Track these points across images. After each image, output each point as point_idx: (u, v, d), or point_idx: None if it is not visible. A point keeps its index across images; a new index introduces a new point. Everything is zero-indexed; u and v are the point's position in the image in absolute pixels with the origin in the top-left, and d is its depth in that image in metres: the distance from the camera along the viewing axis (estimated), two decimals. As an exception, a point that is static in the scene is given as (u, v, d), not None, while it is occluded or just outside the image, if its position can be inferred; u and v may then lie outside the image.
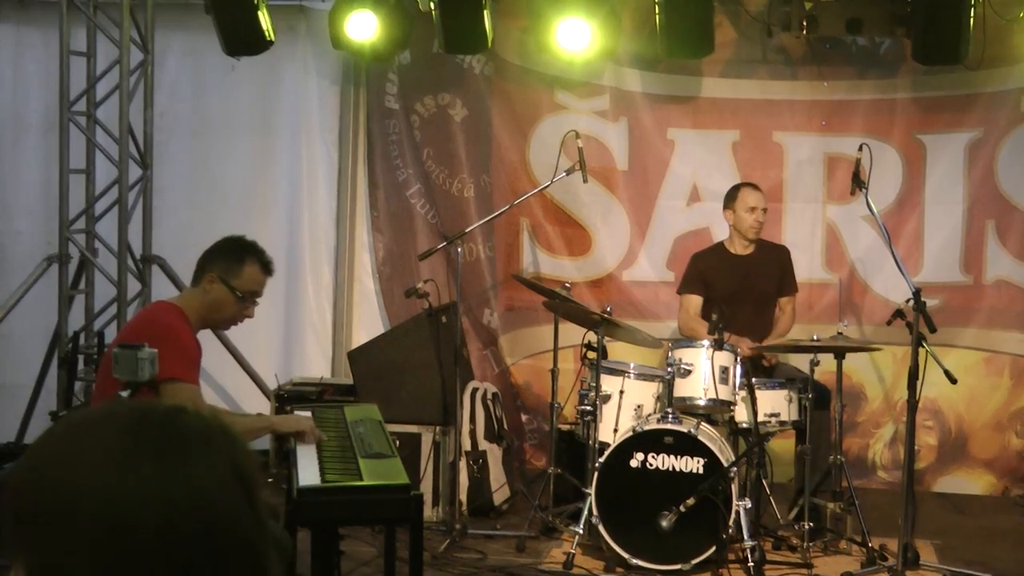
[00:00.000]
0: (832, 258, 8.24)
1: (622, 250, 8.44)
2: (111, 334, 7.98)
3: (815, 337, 6.50)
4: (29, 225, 8.63)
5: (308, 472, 4.18)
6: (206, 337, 4.96)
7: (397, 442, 6.62)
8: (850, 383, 7.99)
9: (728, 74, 8.25)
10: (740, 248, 7.33)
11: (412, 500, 3.96)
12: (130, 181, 8.03)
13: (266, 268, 4.84)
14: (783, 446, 7.58)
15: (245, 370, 8.35)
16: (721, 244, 7.42)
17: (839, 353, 6.55)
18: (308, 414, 5.06)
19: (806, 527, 6.36)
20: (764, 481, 6.61)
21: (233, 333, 7.97)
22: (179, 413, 1.41)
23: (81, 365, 8.09)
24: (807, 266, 8.00)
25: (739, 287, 7.22)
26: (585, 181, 7.31)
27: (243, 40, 7.80)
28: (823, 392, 6.90)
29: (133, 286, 8.12)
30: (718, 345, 6.41)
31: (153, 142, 8.22)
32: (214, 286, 4.71)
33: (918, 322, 6.21)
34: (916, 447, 7.58)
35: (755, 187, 7.33)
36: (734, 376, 6.52)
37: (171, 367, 4.37)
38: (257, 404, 8.25)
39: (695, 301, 7.37)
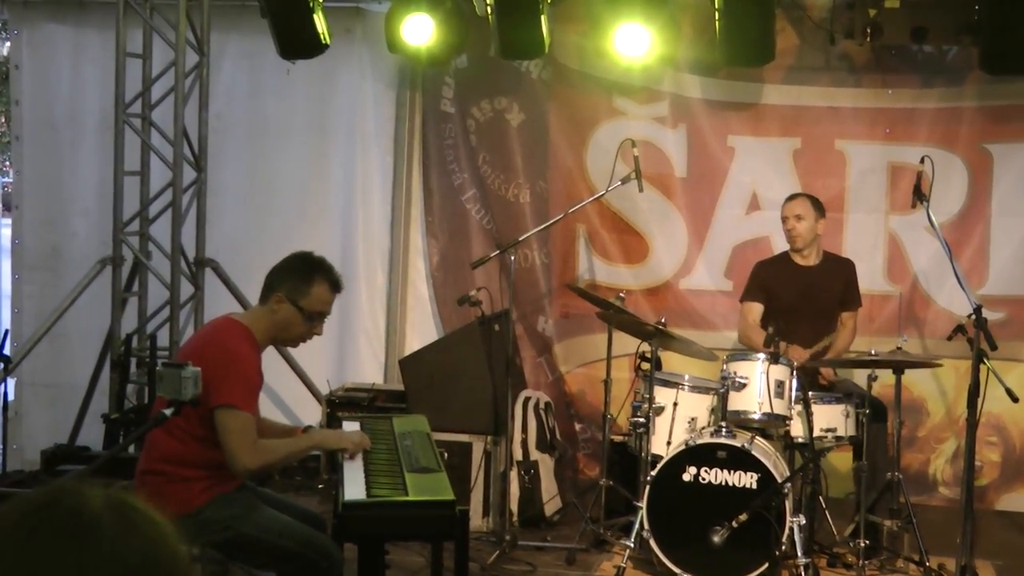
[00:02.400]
0: (894, 270, 8.22)
1: (679, 258, 8.47)
2: (163, 337, 8.11)
3: (873, 352, 6.50)
4: (85, 227, 8.77)
5: (354, 486, 4.25)
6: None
7: (445, 454, 6.71)
8: (911, 397, 7.97)
9: (790, 81, 8.24)
10: (804, 259, 7.34)
11: (457, 516, 4.03)
12: (184, 184, 8.15)
13: (335, 287, 4.85)
14: (841, 459, 7.57)
15: (298, 375, 8.45)
16: (786, 254, 7.42)
17: (898, 368, 6.54)
18: (356, 426, 5.14)
19: (862, 545, 6.36)
20: (819, 497, 6.62)
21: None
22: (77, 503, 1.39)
23: (133, 368, 8.22)
24: (868, 277, 7.97)
25: (801, 299, 7.22)
26: (641, 190, 7.36)
27: (298, 43, 7.88)
28: (880, 407, 6.89)
29: (186, 289, 8.23)
30: (774, 359, 6.43)
31: (207, 145, 8.33)
32: (282, 306, 4.74)
33: (979, 339, 6.19)
34: (978, 464, 7.58)
35: (794, 196, 7.33)
36: (790, 390, 6.53)
37: (231, 393, 4.44)
38: (309, 409, 8.35)
39: (755, 309, 7.38)
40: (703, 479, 6.27)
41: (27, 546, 1.35)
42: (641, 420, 6.69)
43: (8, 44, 9.64)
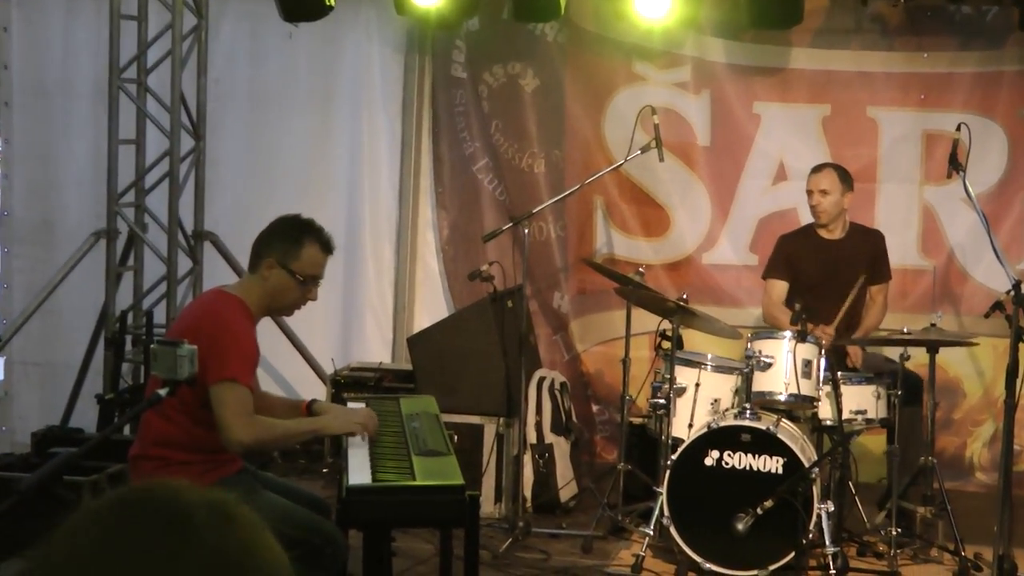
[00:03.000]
0: (929, 243, 8.20)
1: (702, 231, 8.46)
2: (160, 314, 8.13)
3: (906, 330, 6.48)
4: (77, 198, 8.79)
5: (359, 470, 4.26)
6: (265, 321, 5.02)
7: (455, 437, 6.73)
8: (946, 377, 7.96)
9: (819, 44, 8.21)
10: (830, 232, 7.31)
11: (467, 502, 4.03)
12: (182, 153, 8.15)
13: (326, 247, 4.86)
14: (874, 441, 7.57)
15: (301, 354, 8.47)
16: (811, 226, 7.39)
17: (932, 347, 6.53)
18: (362, 406, 5.14)
19: (894, 533, 6.35)
20: (849, 482, 6.62)
21: (292, 318, 8.08)
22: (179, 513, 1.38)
23: (129, 346, 8.23)
24: (901, 251, 7.96)
25: (827, 274, 7.20)
26: (661, 160, 7.34)
27: (302, 5, 7.87)
28: (914, 387, 6.88)
29: (184, 263, 8.25)
30: (801, 337, 6.42)
31: (206, 112, 8.33)
32: (273, 272, 4.75)
33: (1017, 316, 6.16)
34: (1016, 448, 7.57)
35: (819, 168, 7.28)
36: (818, 370, 6.52)
37: (228, 367, 4.44)
38: (313, 389, 8.34)
39: (779, 287, 7.36)
40: (726, 463, 6.27)
41: (119, 533, 1.35)
42: (661, 401, 6.69)
43: (-3, 6, 9.68)
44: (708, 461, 6.29)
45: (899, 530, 6.38)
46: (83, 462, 5.80)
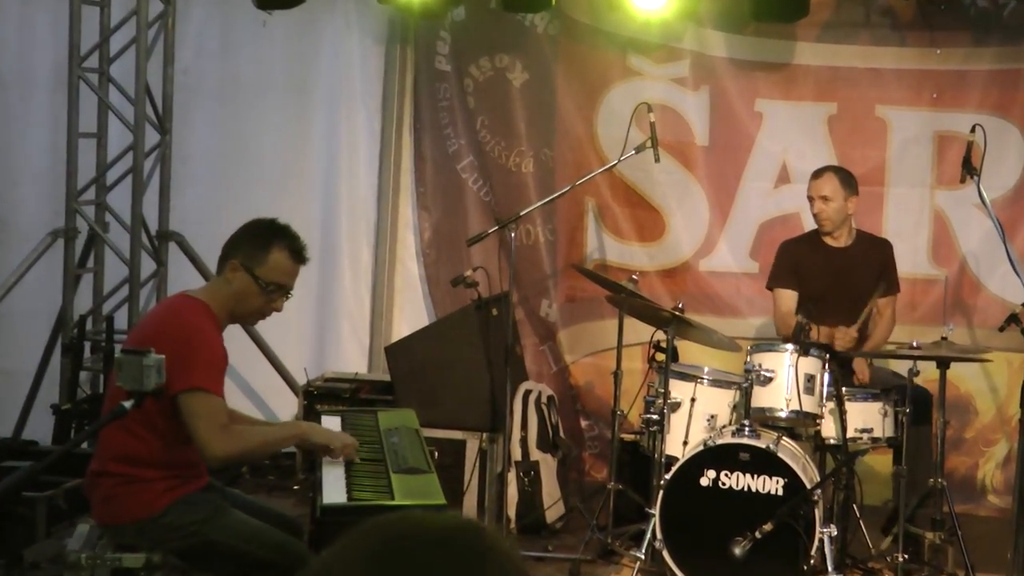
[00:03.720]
0: (940, 251, 8.21)
1: (700, 236, 8.47)
2: (121, 319, 8.12)
3: (915, 343, 6.50)
4: (34, 194, 8.75)
5: (334, 488, 4.27)
6: (232, 328, 5.02)
7: (436, 453, 6.74)
8: (957, 394, 7.98)
9: (825, 39, 8.23)
10: (835, 240, 7.33)
11: (448, 523, 4.03)
12: (146, 148, 8.16)
13: (297, 256, 4.83)
14: (880, 462, 7.59)
15: (271, 362, 8.47)
16: (815, 233, 7.39)
17: (943, 361, 6.55)
18: (337, 421, 5.15)
19: (900, 559, 6.37)
20: (853, 505, 6.63)
21: (262, 324, 8.04)
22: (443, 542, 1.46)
23: (87, 353, 8.24)
24: (910, 260, 7.98)
25: (832, 284, 7.20)
26: (657, 160, 7.35)
27: (276, -10, 7.90)
28: (924, 404, 6.89)
29: (147, 265, 8.24)
30: (803, 350, 6.43)
31: (173, 104, 8.34)
32: (237, 275, 4.74)
33: (1032, 330, 6.19)
34: (1031, 469, 7.57)
35: (820, 172, 7.27)
36: (821, 385, 6.53)
37: (195, 375, 4.44)
38: (284, 401, 8.37)
39: (788, 296, 7.33)
40: (723, 484, 6.28)
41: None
42: (655, 417, 6.69)
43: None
44: (704, 481, 6.30)
45: (906, 556, 6.40)
46: (38, 477, 5.80)
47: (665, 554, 6.26)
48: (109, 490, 4.59)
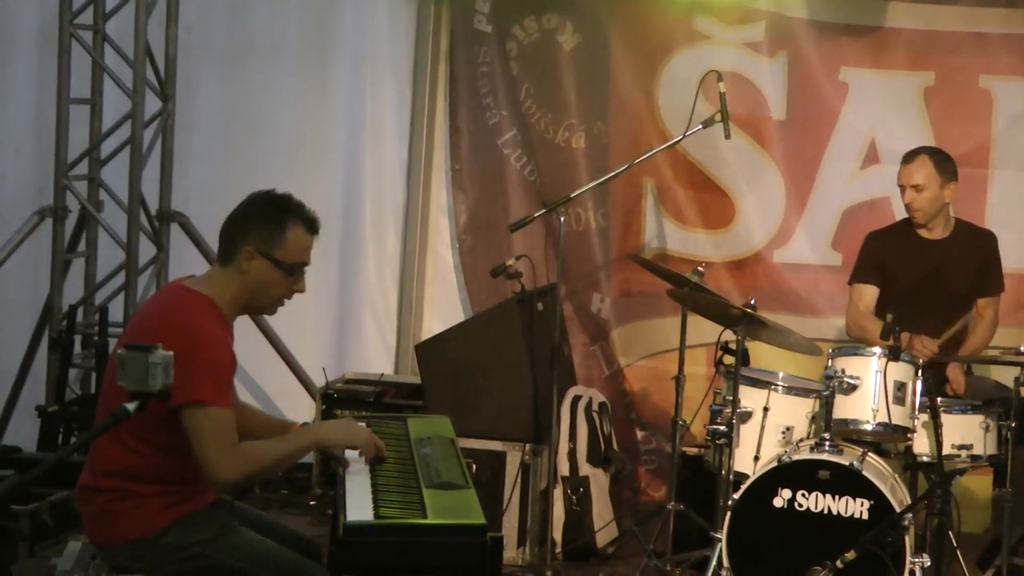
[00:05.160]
0: (1053, 242, 8.17)
1: (774, 223, 8.45)
2: (117, 310, 8.13)
3: (1021, 349, 6.46)
4: (17, 168, 8.76)
5: (358, 504, 4.25)
6: (239, 321, 5.00)
7: (473, 466, 6.74)
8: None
9: (922, -2, 8.22)
10: (930, 231, 7.29)
11: (489, 545, 4.02)
12: (146, 116, 8.15)
13: (312, 227, 4.81)
14: (980, 483, 7.56)
15: (286, 362, 8.47)
16: (907, 222, 7.37)
17: (1053, 370, 6.51)
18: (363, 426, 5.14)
19: (1002, 594, 6.35)
20: (949, 532, 6.59)
21: (274, 317, 8.05)
22: None
23: (78, 348, 8.25)
24: (1017, 253, 7.93)
25: (925, 280, 7.19)
26: (727, 137, 7.33)
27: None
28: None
29: (147, 250, 8.24)
30: (893, 354, 6.40)
31: (176, 68, 8.33)
32: (254, 263, 4.71)
33: None
34: None
35: (912, 156, 7.23)
36: (913, 395, 6.52)
37: (197, 388, 4.41)
38: (300, 405, 8.36)
39: (869, 293, 7.34)
40: (800, 505, 6.26)
41: None
42: (722, 429, 6.68)
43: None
44: (778, 502, 6.28)
45: (1008, 591, 6.38)
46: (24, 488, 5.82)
47: (732, 585, 6.26)
48: (102, 506, 4.58)
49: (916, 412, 6.52)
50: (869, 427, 6.50)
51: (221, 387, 4.54)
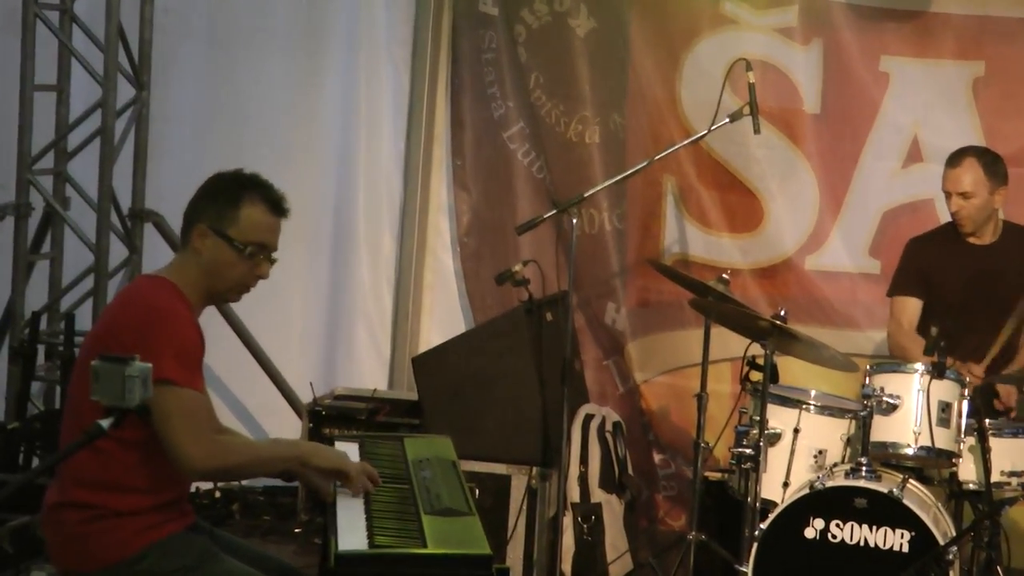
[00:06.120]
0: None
1: (807, 227, 8.45)
2: (85, 317, 8.13)
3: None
4: (-24, 162, 8.80)
5: (351, 532, 4.26)
6: (215, 327, 5.03)
7: (476, 491, 6.73)
8: None
9: (972, -20, 8.23)
10: (978, 237, 7.28)
11: (494, 577, 4.04)
12: (118, 105, 8.16)
13: (274, 206, 4.83)
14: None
15: (269, 375, 8.47)
16: (951, 226, 7.38)
17: (1114, 389, 6.52)
18: (355, 450, 5.14)
19: (1054, 636, 6.36)
20: (998, 567, 6.59)
21: (256, 324, 8.11)
22: None
23: (42, 359, 8.24)
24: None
25: (973, 290, 7.19)
26: (756, 132, 7.33)
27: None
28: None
29: (118, 251, 8.24)
30: (938, 372, 6.40)
31: (152, 52, 8.34)
32: (206, 242, 4.75)
33: None
34: None
35: (958, 159, 7.22)
36: (959, 416, 6.51)
37: (162, 365, 4.41)
38: (284, 423, 8.37)
39: (911, 306, 7.33)
40: (833, 536, 6.27)
41: None
42: (748, 452, 6.68)
43: None
44: (809, 532, 6.30)
45: (1062, 633, 6.38)
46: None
47: (759, 623, 6.28)
48: (74, 528, 4.59)
49: (962, 435, 6.52)
50: (910, 451, 6.50)
51: (187, 366, 4.56)
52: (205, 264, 4.75)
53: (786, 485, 6.63)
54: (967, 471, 6.58)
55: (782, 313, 6.78)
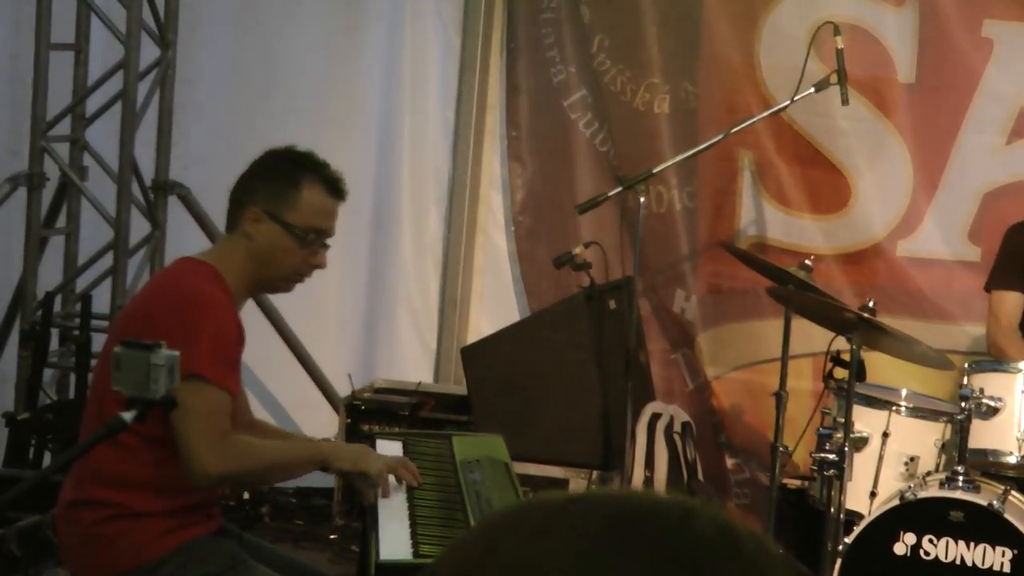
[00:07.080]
0: None
1: (898, 209, 8.41)
2: (103, 297, 8.15)
3: None
4: (-15, 127, 8.83)
5: (394, 538, 4.26)
6: (245, 313, 5.02)
7: (531, 495, 6.71)
8: None
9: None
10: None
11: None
12: (142, 67, 8.18)
13: (334, 188, 4.87)
14: None
15: (305, 367, 8.49)
16: (1057, 209, 7.37)
17: None
18: (398, 448, 5.13)
19: None
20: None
21: (290, 311, 8.12)
22: (685, 520, 1.61)
23: (55, 343, 8.27)
24: None
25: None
26: (844, 103, 7.30)
27: None
28: None
29: (139, 226, 8.27)
30: (1044, 371, 6.38)
31: (179, 8, 8.36)
32: (261, 227, 4.76)
33: None
34: None
35: None
36: (1067, 420, 6.48)
37: (195, 357, 4.42)
38: (321, 418, 8.39)
39: (1012, 302, 7.31)
40: (926, 553, 6.24)
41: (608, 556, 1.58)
42: (831, 457, 6.65)
43: None
44: (899, 548, 6.28)
45: None
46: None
47: (842, 647, 6.26)
48: (89, 528, 4.61)
49: (1072, 442, 6.49)
50: (1013, 459, 6.48)
51: (221, 361, 4.57)
52: (257, 251, 4.75)
53: (873, 495, 6.62)
54: (1076, 482, 6.56)
55: (870, 304, 6.74)
